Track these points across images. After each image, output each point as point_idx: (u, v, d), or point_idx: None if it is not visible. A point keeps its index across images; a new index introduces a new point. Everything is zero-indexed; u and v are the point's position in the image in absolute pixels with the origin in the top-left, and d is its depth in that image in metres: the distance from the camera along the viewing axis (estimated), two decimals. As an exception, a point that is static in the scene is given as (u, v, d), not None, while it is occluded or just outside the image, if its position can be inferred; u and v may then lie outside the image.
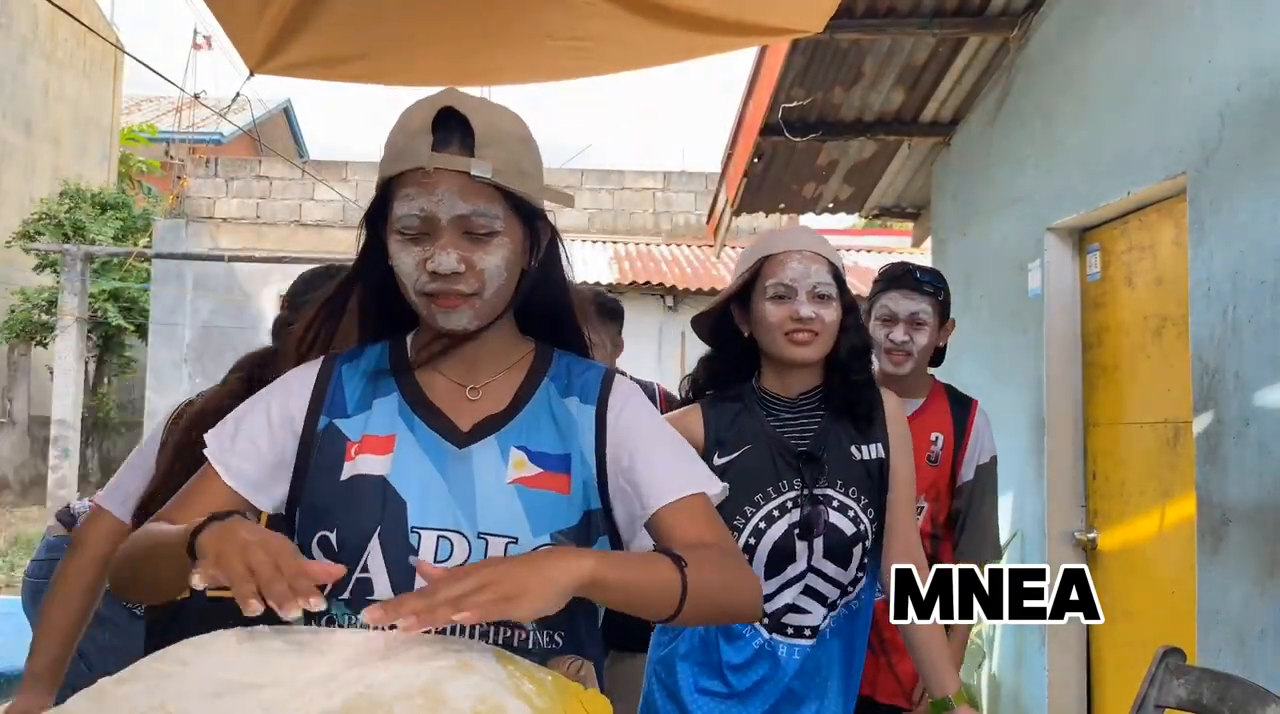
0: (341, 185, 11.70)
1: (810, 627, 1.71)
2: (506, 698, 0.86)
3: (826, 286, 1.72)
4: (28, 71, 13.93)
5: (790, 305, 1.70)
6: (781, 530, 1.69)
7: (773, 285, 1.72)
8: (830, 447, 1.74)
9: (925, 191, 4.99)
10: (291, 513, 1.18)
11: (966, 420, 2.41)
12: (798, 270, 1.71)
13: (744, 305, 1.78)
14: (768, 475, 1.71)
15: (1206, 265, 2.64)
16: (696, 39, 2.72)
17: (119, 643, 2.47)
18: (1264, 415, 2.42)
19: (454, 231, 1.11)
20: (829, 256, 1.75)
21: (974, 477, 2.40)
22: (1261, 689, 1.46)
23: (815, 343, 1.71)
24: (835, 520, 1.70)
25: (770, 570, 1.69)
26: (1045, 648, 3.46)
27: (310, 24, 2.48)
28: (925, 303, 2.36)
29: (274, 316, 1.95)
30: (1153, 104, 2.91)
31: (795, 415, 1.76)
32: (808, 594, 1.70)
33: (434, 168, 1.10)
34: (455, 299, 1.12)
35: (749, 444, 1.73)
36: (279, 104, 18.60)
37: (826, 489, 1.71)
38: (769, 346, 1.74)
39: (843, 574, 1.71)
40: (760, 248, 1.79)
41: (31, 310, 12.64)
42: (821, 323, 1.70)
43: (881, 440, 1.77)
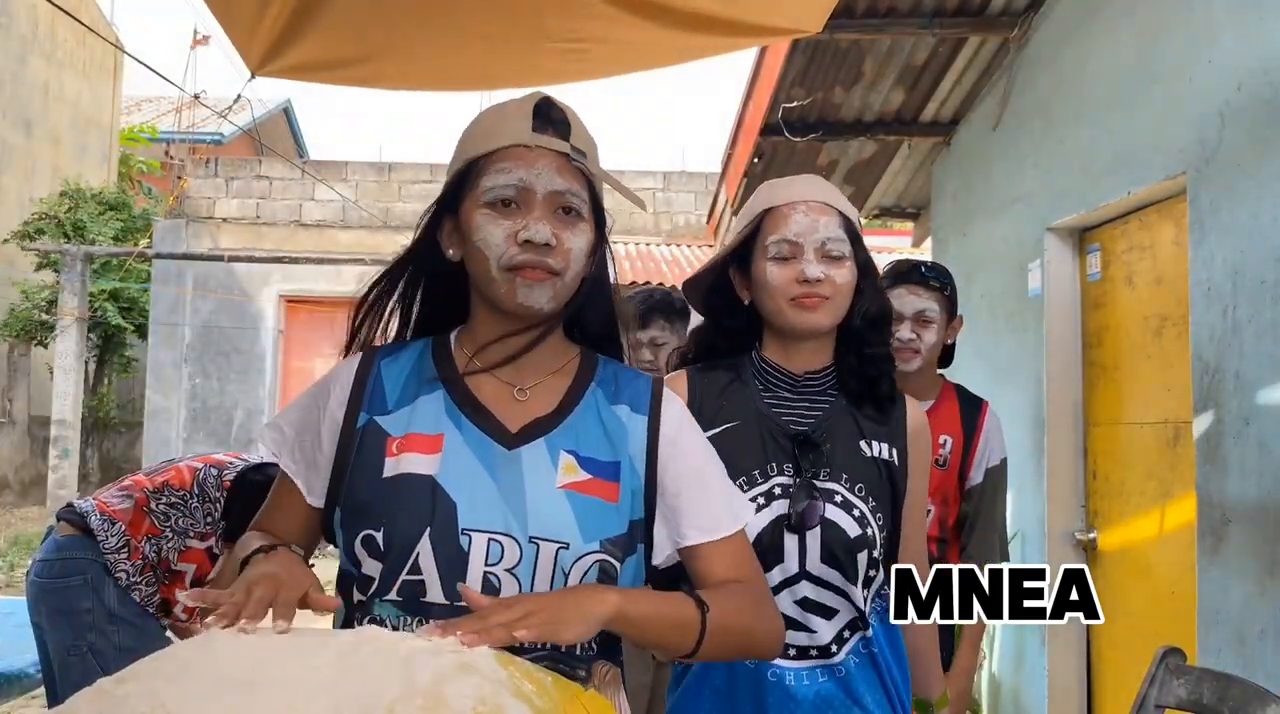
0: (341, 186, 11.70)
1: (818, 647, 1.44)
2: (506, 698, 0.86)
3: (838, 243, 1.47)
4: (28, 71, 13.93)
5: (795, 266, 1.46)
6: (766, 522, 1.43)
7: (775, 243, 1.48)
8: (836, 436, 1.49)
9: (925, 191, 4.99)
10: (331, 509, 1.18)
11: (977, 422, 2.33)
12: (804, 224, 1.47)
13: (743, 267, 1.54)
14: (753, 457, 1.46)
15: (1206, 265, 2.64)
16: (696, 40, 2.72)
17: (133, 643, 2.49)
18: (1264, 415, 2.42)
19: (547, 206, 1.13)
20: (841, 208, 1.51)
21: (983, 479, 2.34)
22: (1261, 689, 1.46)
23: (825, 308, 1.46)
24: (835, 517, 1.44)
25: None
26: (1045, 648, 3.46)
27: (311, 27, 2.48)
28: (932, 299, 2.28)
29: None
30: (1153, 104, 2.91)
31: (797, 395, 1.52)
32: (806, 606, 1.44)
33: (535, 144, 1.13)
34: (542, 273, 1.12)
35: (736, 420, 1.48)
36: (279, 104, 18.61)
37: (829, 482, 1.45)
38: (772, 314, 1.50)
39: (847, 585, 1.44)
40: (761, 199, 1.54)
41: (31, 310, 12.65)
42: (832, 285, 1.46)
43: (898, 445, 1.53)
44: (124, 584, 2.54)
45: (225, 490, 2.61)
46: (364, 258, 11.07)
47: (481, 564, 1.09)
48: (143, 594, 2.57)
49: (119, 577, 2.53)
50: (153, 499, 2.60)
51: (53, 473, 10.54)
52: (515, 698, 0.87)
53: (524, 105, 1.17)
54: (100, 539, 2.54)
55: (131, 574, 2.55)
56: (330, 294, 11.73)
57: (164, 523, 2.58)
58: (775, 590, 1.41)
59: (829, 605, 1.44)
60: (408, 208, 12.20)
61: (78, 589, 2.53)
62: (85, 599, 2.52)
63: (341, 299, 11.88)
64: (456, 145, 1.21)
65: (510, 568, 1.09)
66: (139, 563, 2.56)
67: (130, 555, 2.55)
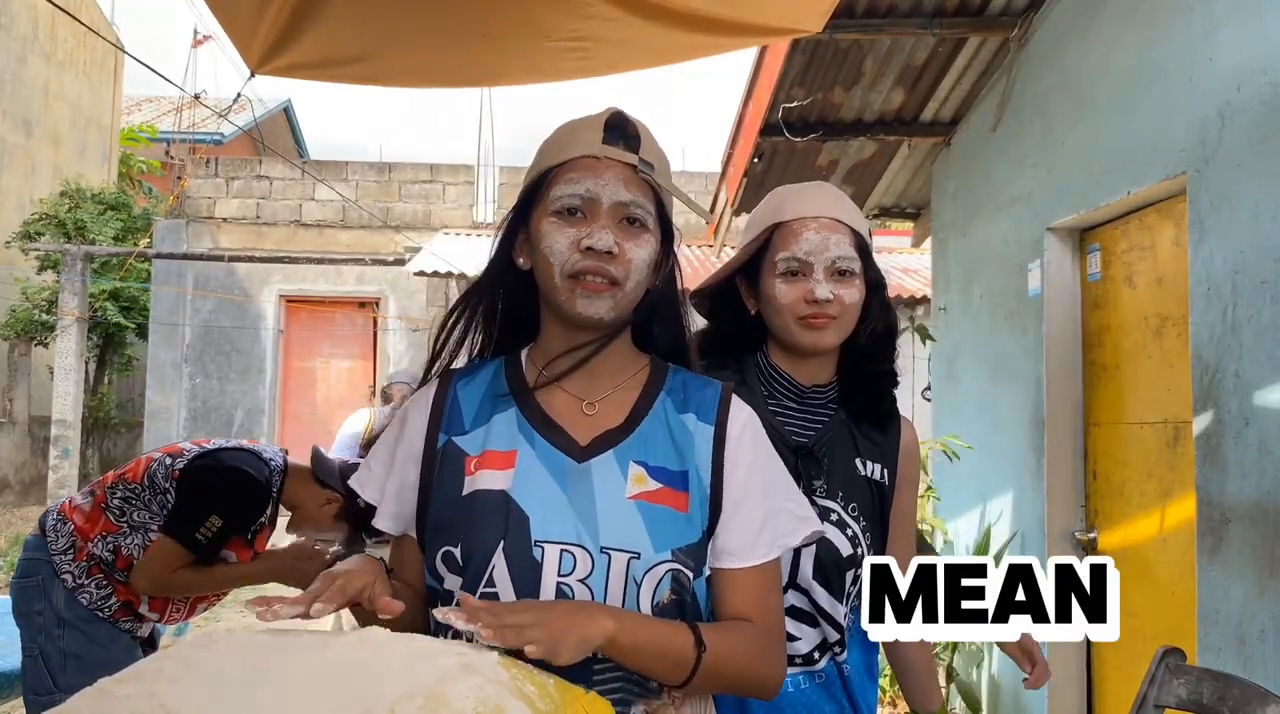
0: (342, 185, 11.69)
1: (800, 655, 1.45)
2: (508, 699, 0.86)
3: (848, 261, 1.46)
4: (28, 71, 13.93)
5: (804, 284, 1.44)
6: None
7: (784, 260, 1.46)
8: (835, 452, 1.49)
9: (925, 191, 4.99)
10: (420, 531, 1.21)
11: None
12: (814, 242, 1.45)
13: (751, 278, 1.53)
14: None
15: (1206, 265, 2.64)
16: (696, 39, 2.72)
17: (79, 648, 2.42)
18: (1264, 415, 2.42)
19: (612, 216, 1.16)
20: (852, 223, 1.49)
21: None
22: (1261, 689, 1.46)
23: (832, 328, 1.45)
24: (830, 535, 1.44)
25: None
26: (1045, 648, 3.46)
27: (311, 25, 2.48)
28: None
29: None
30: (1153, 104, 2.91)
31: (801, 406, 1.51)
32: (792, 614, 1.43)
33: (604, 156, 1.17)
34: (602, 284, 1.15)
35: None
36: (279, 104, 18.61)
37: (826, 499, 1.45)
38: (779, 330, 1.49)
39: (832, 602, 1.44)
40: (771, 212, 1.52)
41: (32, 310, 12.64)
42: (841, 305, 1.44)
43: (889, 465, 1.53)
44: (69, 586, 2.43)
45: (174, 480, 2.45)
46: (364, 258, 11.08)
47: (555, 575, 1.11)
48: (92, 597, 2.45)
49: (64, 578, 2.43)
50: (109, 494, 2.49)
51: (53, 473, 10.55)
52: (516, 699, 0.87)
53: (597, 119, 1.21)
54: (49, 540, 2.47)
55: (77, 575, 2.44)
56: (330, 294, 11.74)
57: (120, 518, 2.46)
58: None
59: (815, 617, 1.44)
60: (408, 208, 12.20)
61: (32, 590, 2.45)
62: (37, 601, 2.44)
63: (341, 299, 11.91)
64: (533, 158, 1.25)
65: (583, 578, 1.11)
66: (84, 564, 2.44)
67: (75, 556, 2.45)
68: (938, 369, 4.74)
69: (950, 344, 4.49)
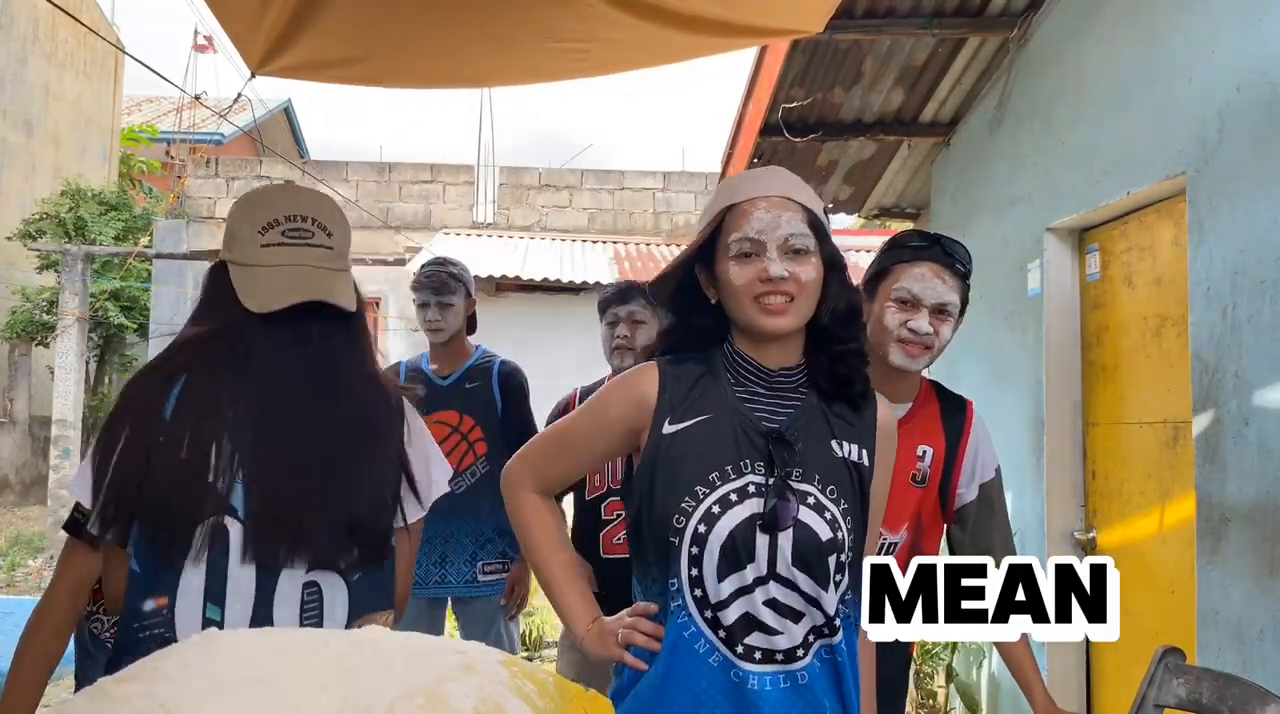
0: (342, 185, 11.70)
1: (784, 651, 1.38)
2: (507, 698, 0.87)
3: (801, 238, 1.42)
4: (28, 71, 13.93)
5: (758, 263, 1.41)
6: (740, 519, 1.38)
7: (736, 241, 1.43)
8: (808, 435, 1.45)
9: (925, 191, 4.99)
10: None
11: (961, 429, 1.99)
12: (765, 221, 1.42)
13: (708, 266, 1.49)
14: (726, 452, 1.41)
15: (1206, 265, 2.64)
16: (696, 40, 2.72)
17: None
18: (1264, 415, 2.43)
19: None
20: (804, 201, 1.46)
21: (977, 497, 1.97)
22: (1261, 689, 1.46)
23: (791, 310, 1.41)
24: (808, 519, 1.40)
25: (724, 569, 1.38)
26: (1045, 648, 3.46)
27: (311, 26, 2.48)
28: (956, 291, 1.92)
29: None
30: (1153, 104, 2.91)
31: (770, 391, 1.47)
32: (773, 607, 1.38)
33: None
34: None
35: (708, 413, 1.44)
36: (279, 104, 18.61)
37: (801, 483, 1.41)
38: (738, 315, 1.45)
39: (817, 590, 1.39)
40: (722, 196, 1.49)
41: (32, 310, 12.64)
42: (797, 283, 1.40)
43: (867, 446, 1.49)
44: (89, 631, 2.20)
45: None
46: (364, 258, 11.08)
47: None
48: (103, 625, 2.19)
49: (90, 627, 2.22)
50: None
51: (53, 473, 10.54)
52: (516, 697, 0.87)
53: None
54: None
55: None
56: (331, 294, 11.71)
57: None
58: (746, 590, 1.38)
59: (796, 609, 1.40)
60: (408, 208, 12.21)
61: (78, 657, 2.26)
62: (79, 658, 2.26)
63: (342, 299, 11.87)
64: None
65: None
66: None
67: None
68: (937, 369, 4.73)
69: (950, 344, 4.49)
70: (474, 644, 0.99)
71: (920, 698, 4.32)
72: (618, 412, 1.50)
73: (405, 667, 0.88)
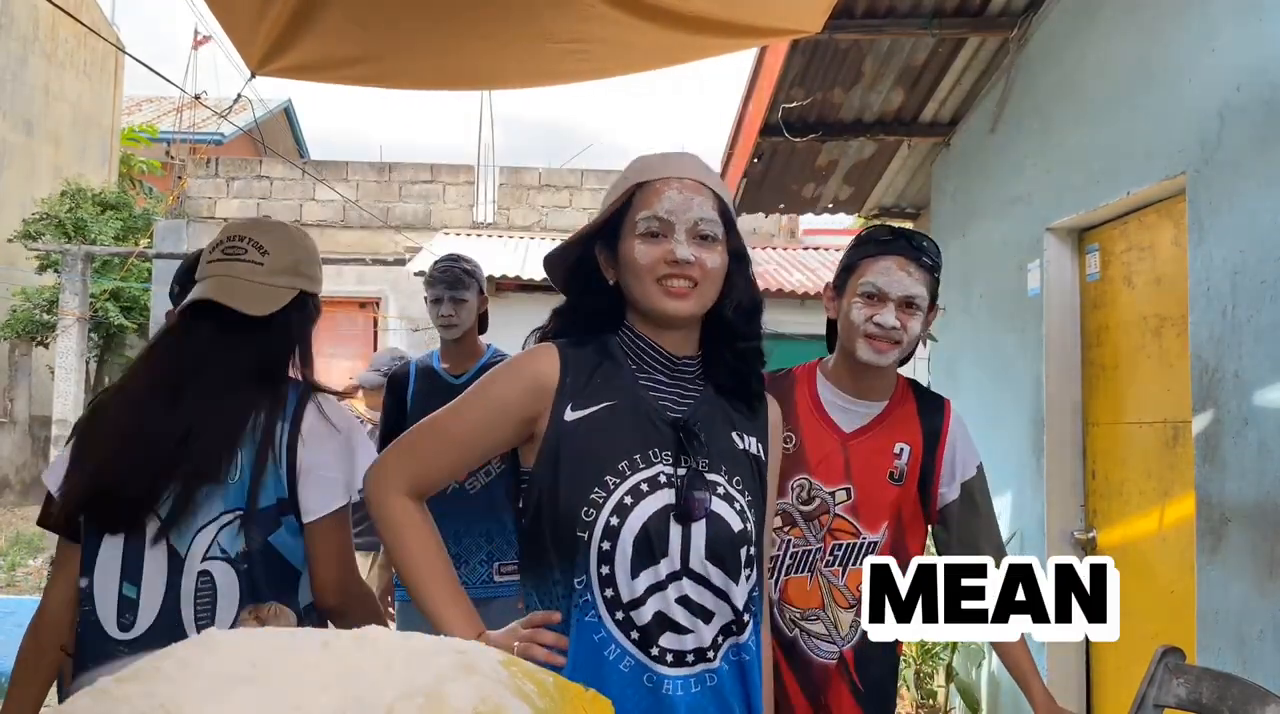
0: (342, 185, 11.70)
1: (695, 651, 1.32)
2: (507, 698, 0.87)
3: (711, 224, 1.37)
4: (28, 71, 13.93)
5: (665, 244, 1.35)
6: (653, 510, 1.31)
7: (645, 219, 1.37)
8: (710, 426, 1.40)
9: (925, 191, 4.99)
10: None
11: (939, 428, 1.91)
12: (676, 202, 1.36)
13: (610, 245, 1.42)
14: (634, 441, 1.35)
15: (1206, 265, 2.64)
16: (696, 40, 2.72)
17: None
18: (1264, 415, 2.43)
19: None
20: (716, 189, 1.42)
21: (960, 495, 1.90)
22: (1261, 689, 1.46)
23: (694, 295, 1.36)
24: (720, 510, 1.35)
25: (637, 564, 1.30)
26: (1045, 648, 3.46)
27: (312, 26, 2.48)
28: (923, 283, 1.87)
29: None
30: (1153, 104, 2.92)
31: (672, 380, 1.42)
32: (685, 605, 1.32)
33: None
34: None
35: (612, 400, 1.37)
36: (280, 104, 18.61)
37: (710, 473, 1.36)
38: (638, 297, 1.39)
39: (728, 584, 1.34)
40: (632, 173, 1.42)
41: (33, 310, 12.64)
42: (702, 269, 1.36)
43: (763, 441, 1.46)
44: None
45: None
46: (365, 258, 11.09)
47: None
48: None
49: None
50: None
51: (53, 473, 10.53)
52: (516, 697, 0.87)
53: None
54: None
55: None
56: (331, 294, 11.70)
57: None
58: (660, 586, 1.31)
59: (707, 607, 1.34)
60: (408, 208, 12.21)
61: None
62: None
63: (342, 299, 11.90)
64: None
65: None
66: None
67: None
68: (937, 369, 4.74)
69: (950, 344, 4.49)
70: (474, 644, 0.99)
71: (920, 698, 4.32)
72: (513, 398, 1.37)
73: (405, 667, 0.88)
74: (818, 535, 1.83)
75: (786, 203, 5.36)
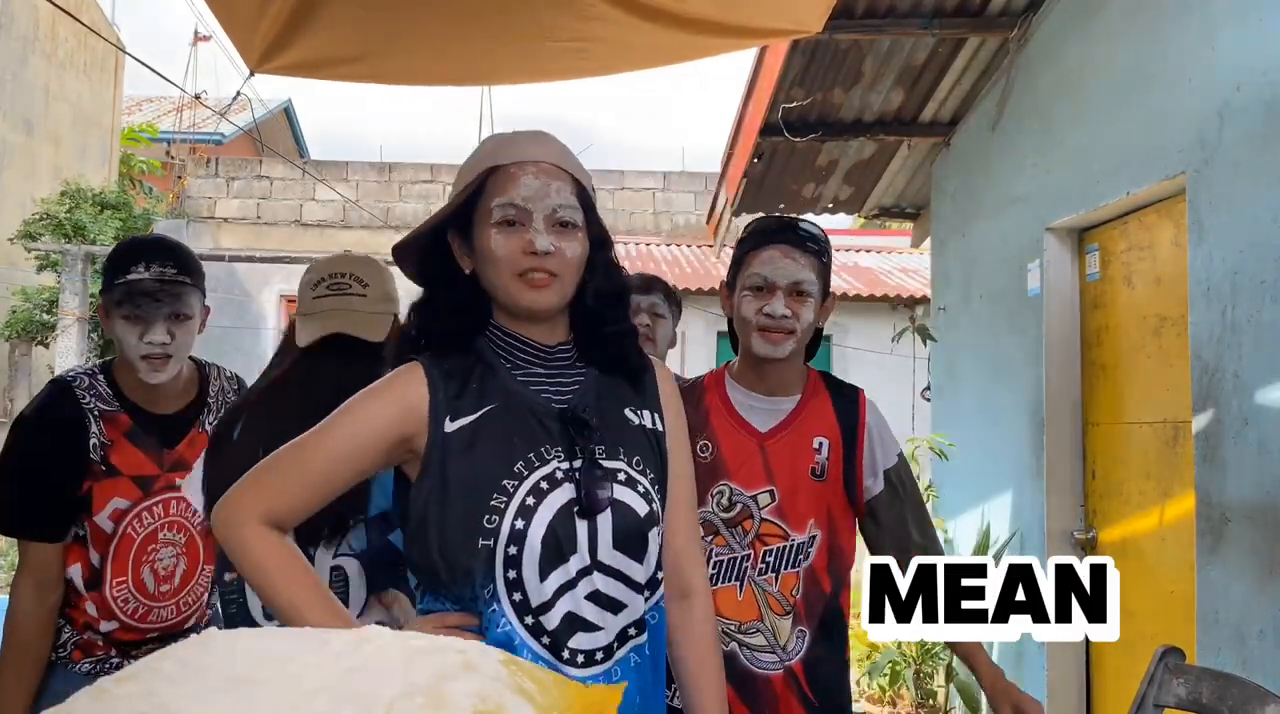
0: (342, 185, 11.71)
1: (601, 649, 1.27)
2: (508, 696, 0.87)
3: (570, 211, 1.31)
4: (28, 71, 13.93)
5: (523, 234, 1.28)
6: (556, 509, 1.26)
7: (500, 206, 1.29)
8: (600, 409, 1.35)
9: (925, 191, 4.99)
10: None
11: (856, 418, 1.85)
12: (533, 188, 1.29)
13: (463, 231, 1.35)
14: (524, 440, 1.28)
15: (1206, 265, 2.64)
16: (696, 40, 2.72)
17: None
18: (1263, 415, 2.43)
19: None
20: (575, 172, 1.34)
21: (884, 485, 1.84)
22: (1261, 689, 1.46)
23: (554, 286, 1.30)
24: (624, 496, 1.30)
25: (546, 566, 1.25)
26: (1045, 648, 3.46)
27: (311, 24, 2.48)
28: (810, 268, 1.79)
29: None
30: (1152, 104, 2.92)
31: (551, 371, 1.36)
32: (595, 601, 1.27)
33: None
34: None
35: (493, 402, 1.30)
36: (279, 104, 18.60)
37: (608, 460, 1.31)
38: (498, 290, 1.32)
39: (638, 570, 1.31)
40: (485, 156, 1.34)
41: (32, 310, 12.64)
42: (561, 259, 1.29)
43: (658, 411, 1.41)
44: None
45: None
46: (364, 258, 11.09)
47: None
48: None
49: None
50: None
51: (53, 473, 10.53)
52: (516, 695, 0.87)
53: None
54: None
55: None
56: (330, 294, 11.72)
57: None
58: (570, 585, 1.26)
59: (617, 599, 1.29)
60: (408, 208, 12.22)
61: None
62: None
63: (342, 299, 11.89)
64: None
65: None
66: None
67: None
68: (937, 369, 4.74)
69: (950, 344, 4.49)
70: (474, 643, 0.99)
71: (920, 698, 4.32)
72: (382, 421, 1.28)
73: (405, 666, 0.88)
74: (743, 543, 1.78)
75: (786, 203, 5.36)
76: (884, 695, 4.44)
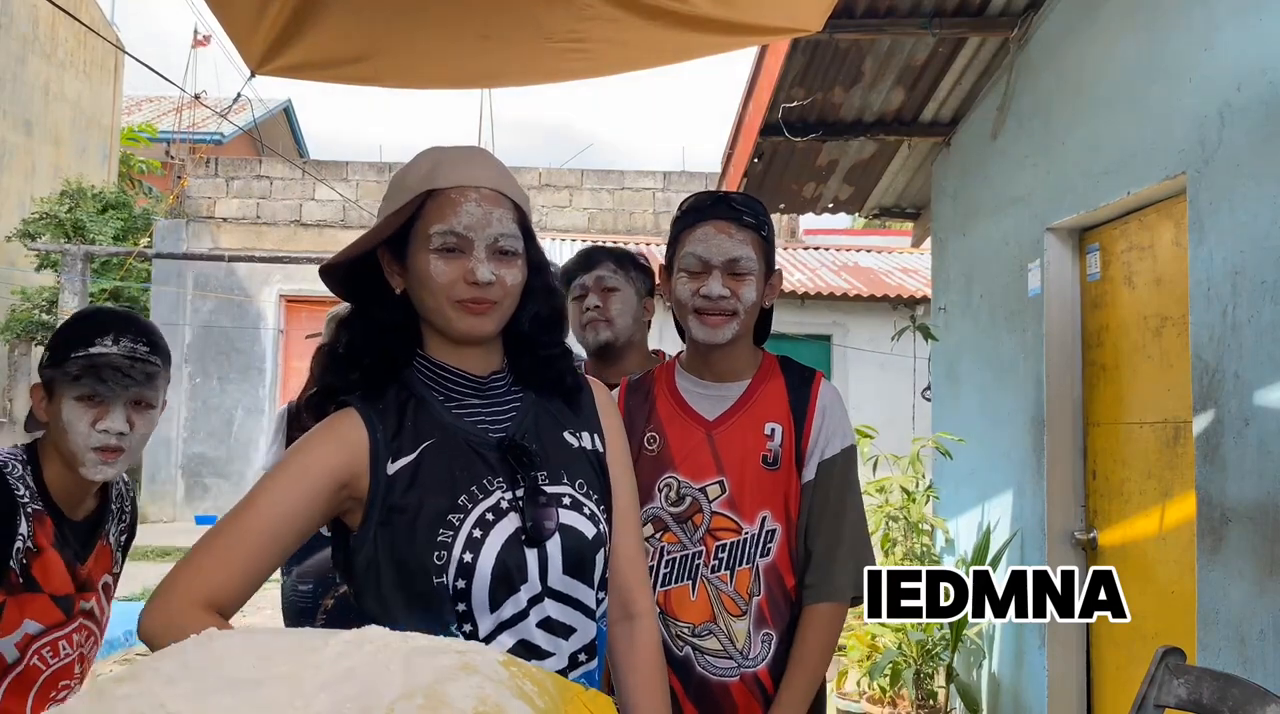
0: (342, 185, 11.71)
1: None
2: (507, 698, 0.86)
3: (511, 240, 1.28)
4: (28, 71, 13.94)
5: (463, 262, 1.25)
6: (503, 540, 1.23)
7: (440, 233, 1.25)
8: (540, 435, 1.33)
9: (925, 191, 4.99)
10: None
11: (807, 399, 1.73)
12: (475, 216, 1.25)
13: (396, 250, 1.30)
14: (465, 474, 1.26)
15: (1206, 265, 2.64)
16: (696, 39, 2.72)
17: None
18: (1264, 415, 2.43)
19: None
20: (515, 197, 1.31)
21: (814, 477, 1.70)
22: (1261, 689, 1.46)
23: (492, 313, 1.28)
24: (570, 520, 1.28)
25: (497, 596, 1.22)
26: (1045, 648, 3.46)
27: (311, 26, 2.49)
28: (748, 243, 1.67)
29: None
30: (1153, 104, 2.92)
31: (486, 400, 1.32)
32: (546, 628, 1.25)
33: None
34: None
35: (430, 438, 1.27)
36: (279, 104, 18.61)
37: (551, 485, 1.29)
38: (431, 312, 1.28)
39: (588, 594, 1.29)
40: (424, 176, 1.29)
41: (32, 310, 12.64)
42: (502, 288, 1.27)
43: (595, 431, 1.39)
44: None
45: None
46: (364, 258, 11.09)
47: None
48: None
49: None
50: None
51: (53, 473, 10.52)
52: (516, 697, 0.87)
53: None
54: None
55: None
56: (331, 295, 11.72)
57: None
58: (521, 615, 1.24)
59: (569, 625, 1.27)
60: (408, 208, 12.19)
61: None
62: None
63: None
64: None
65: None
66: None
67: None
68: (938, 369, 4.74)
69: (950, 344, 4.49)
70: (474, 644, 0.99)
71: (920, 698, 4.32)
72: (326, 467, 1.23)
73: (405, 667, 0.88)
74: (694, 538, 1.69)
75: (787, 203, 5.37)
76: (884, 695, 4.44)
